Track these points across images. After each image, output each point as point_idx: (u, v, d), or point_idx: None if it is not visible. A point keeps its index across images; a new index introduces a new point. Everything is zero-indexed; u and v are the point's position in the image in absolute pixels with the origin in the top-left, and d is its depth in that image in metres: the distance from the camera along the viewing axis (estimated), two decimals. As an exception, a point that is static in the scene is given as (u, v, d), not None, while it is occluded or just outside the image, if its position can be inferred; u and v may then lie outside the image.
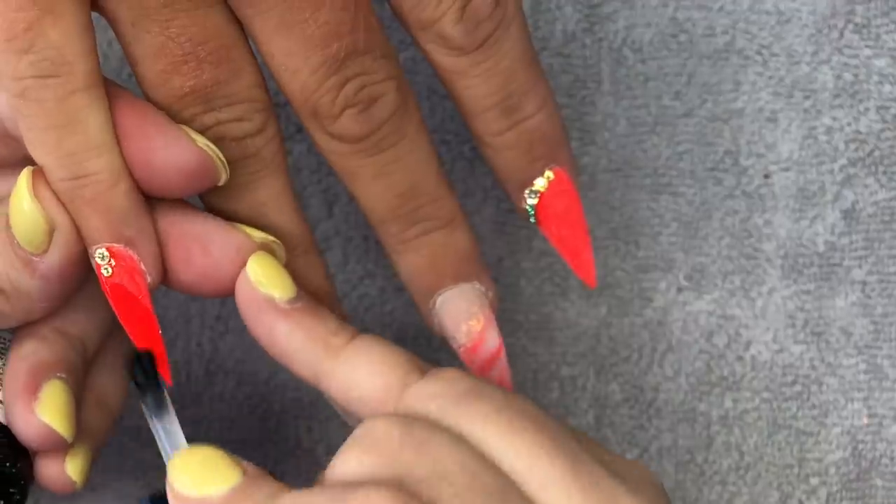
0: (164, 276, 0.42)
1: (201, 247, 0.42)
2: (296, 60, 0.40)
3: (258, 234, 0.42)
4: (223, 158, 0.41)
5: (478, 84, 0.42)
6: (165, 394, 0.42)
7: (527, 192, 0.44)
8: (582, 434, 0.40)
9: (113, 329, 0.44)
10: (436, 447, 0.37)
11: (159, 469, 0.40)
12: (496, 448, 0.37)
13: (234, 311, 0.51)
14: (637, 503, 0.37)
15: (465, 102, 0.43)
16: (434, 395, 0.39)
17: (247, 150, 0.42)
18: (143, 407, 0.41)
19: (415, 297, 0.45)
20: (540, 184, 0.44)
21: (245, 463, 0.38)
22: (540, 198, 0.44)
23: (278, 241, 0.43)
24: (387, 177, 0.42)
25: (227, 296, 0.43)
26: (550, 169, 0.44)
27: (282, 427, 0.53)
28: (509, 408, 0.39)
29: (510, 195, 0.45)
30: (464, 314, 0.44)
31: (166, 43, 0.40)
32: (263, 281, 0.42)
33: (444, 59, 0.42)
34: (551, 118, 0.44)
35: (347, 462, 0.37)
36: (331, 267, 0.52)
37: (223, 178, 0.41)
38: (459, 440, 0.37)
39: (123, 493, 0.52)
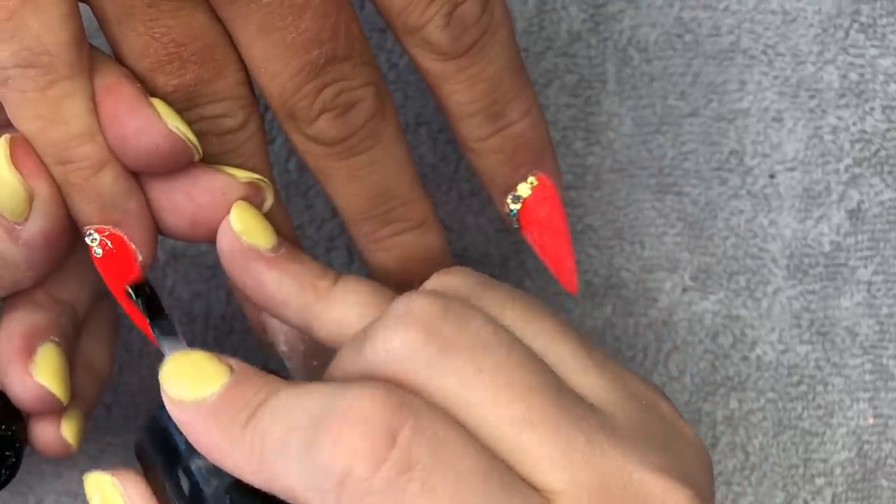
0: (159, 228, 0.42)
1: (186, 193, 0.42)
2: (275, 64, 0.40)
3: (243, 174, 0.42)
4: (193, 140, 0.40)
5: (463, 90, 0.42)
6: (173, 320, 0.42)
7: (510, 197, 0.44)
8: None
9: (100, 295, 0.45)
10: (472, 321, 0.37)
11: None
12: (517, 329, 0.39)
13: (240, 312, 0.52)
14: (645, 388, 0.40)
15: (449, 107, 0.43)
16: (454, 285, 0.40)
17: (228, 145, 0.42)
18: (154, 333, 0.41)
19: None
20: (523, 189, 0.44)
21: (232, 360, 0.38)
22: (523, 203, 0.44)
23: (265, 180, 0.43)
24: (360, 179, 0.43)
25: None
26: (534, 175, 0.44)
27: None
28: (521, 297, 0.40)
29: (493, 200, 0.45)
30: None
31: (150, 42, 0.40)
32: (248, 231, 0.42)
33: (430, 64, 0.42)
34: (536, 125, 0.43)
35: (391, 339, 0.37)
36: (336, 266, 0.52)
37: (196, 157, 0.41)
38: (489, 316, 0.38)
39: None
